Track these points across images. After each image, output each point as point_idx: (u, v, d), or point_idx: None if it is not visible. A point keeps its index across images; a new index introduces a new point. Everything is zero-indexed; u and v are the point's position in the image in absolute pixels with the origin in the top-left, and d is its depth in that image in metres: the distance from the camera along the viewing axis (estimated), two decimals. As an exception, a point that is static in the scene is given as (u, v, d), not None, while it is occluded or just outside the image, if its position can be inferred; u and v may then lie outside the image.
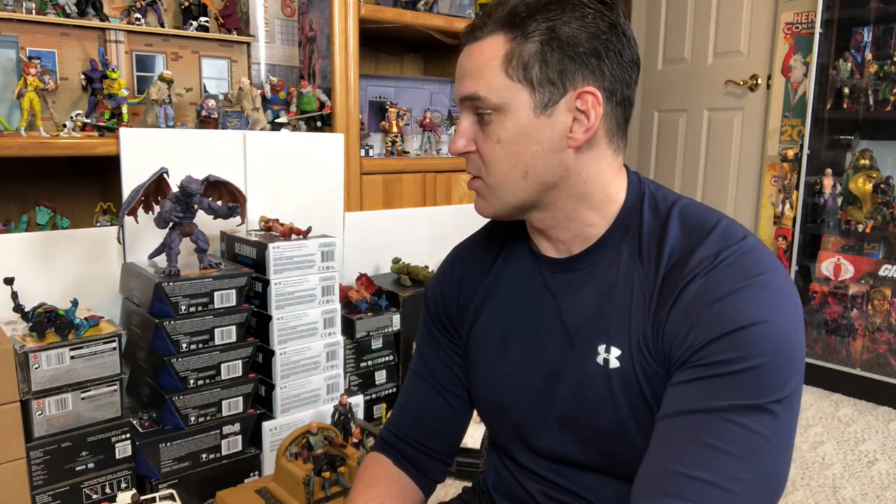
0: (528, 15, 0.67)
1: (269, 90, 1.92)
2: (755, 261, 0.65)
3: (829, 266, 2.33)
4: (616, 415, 0.69)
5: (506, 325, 0.79)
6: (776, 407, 0.60)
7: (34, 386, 1.27)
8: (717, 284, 0.63)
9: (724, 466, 0.58)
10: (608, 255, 0.72)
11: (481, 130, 0.71)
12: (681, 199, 0.74)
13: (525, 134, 0.69)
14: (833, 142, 2.43)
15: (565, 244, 0.75)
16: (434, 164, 2.29)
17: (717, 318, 0.61)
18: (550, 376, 0.75)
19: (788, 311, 0.63)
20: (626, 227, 0.72)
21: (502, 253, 0.83)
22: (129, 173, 1.58)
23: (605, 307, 0.71)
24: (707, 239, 0.67)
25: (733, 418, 0.59)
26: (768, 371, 0.60)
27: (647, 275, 0.69)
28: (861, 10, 2.32)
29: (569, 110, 0.68)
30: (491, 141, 0.70)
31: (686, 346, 0.63)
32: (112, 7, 1.80)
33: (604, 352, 0.70)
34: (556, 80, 0.67)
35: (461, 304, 0.84)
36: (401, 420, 0.89)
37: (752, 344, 0.60)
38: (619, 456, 0.71)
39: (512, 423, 0.80)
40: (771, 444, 0.60)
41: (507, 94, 0.68)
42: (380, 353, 1.87)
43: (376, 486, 0.84)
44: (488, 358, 0.80)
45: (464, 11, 2.30)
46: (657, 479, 0.60)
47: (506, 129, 0.69)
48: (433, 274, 2.01)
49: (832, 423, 2.11)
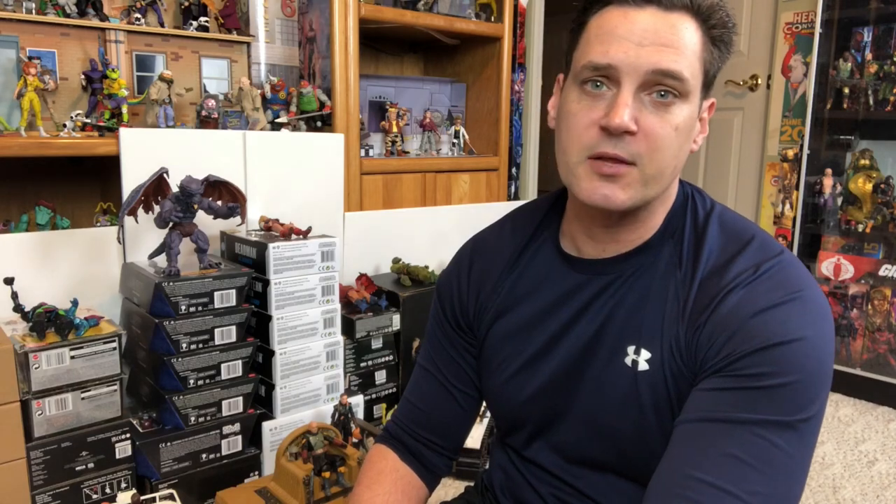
0: (710, 10, 0.66)
1: (269, 90, 1.92)
2: (795, 276, 0.65)
3: (829, 266, 2.33)
4: (639, 416, 0.69)
5: (528, 325, 0.78)
6: (802, 425, 0.60)
7: (34, 386, 1.27)
8: (758, 297, 0.63)
9: (744, 478, 0.58)
10: (648, 258, 0.72)
11: (656, 112, 0.64)
12: (717, 205, 0.74)
13: (691, 128, 0.68)
14: (833, 142, 2.43)
15: (617, 244, 0.73)
16: (434, 164, 2.28)
17: (757, 332, 0.61)
18: (574, 375, 0.74)
19: (826, 329, 0.63)
20: (671, 231, 0.72)
21: (528, 249, 0.81)
22: (129, 173, 1.58)
23: (638, 309, 0.70)
24: (745, 249, 0.67)
25: (760, 432, 0.59)
26: (801, 389, 0.60)
27: (684, 280, 0.68)
28: (861, 10, 2.32)
29: (699, 116, 0.69)
30: (668, 126, 0.65)
31: (722, 355, 0.62)
32: (112, 7, 1.80)
33: (633, 353, 0.70)
34: (711, 84, 0.69)
35: (480, 301, 0.82)
36: (407, 414, 0.88)
37: (789, 360, 0.60)
38: (635, 457, 0.71)
39: (531, 421, 0.79)
40: (793, 462, 0.60)
41: (696, 83, 0.66)
42: (380, 353, 1.87)
43: (381, 481, 0.83)
44: (508, 359, 0.79)
45: (464, 11, 2.30)
46: (675, 483, 0.60)
47: (685, 118, 0.66)
48: (433, 274, 2.02)
49: (832, 423, 2.11)
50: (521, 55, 2.76)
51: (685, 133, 0.66)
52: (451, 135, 2.42)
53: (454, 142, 2.42)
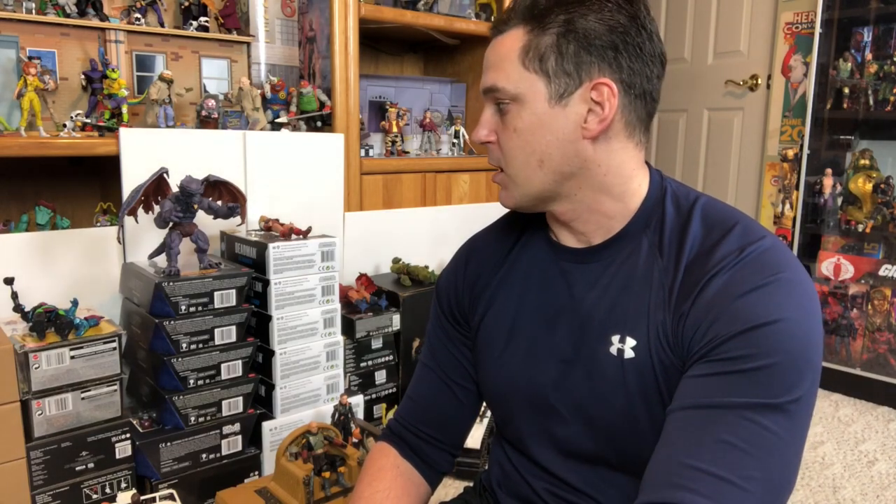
0: (547, 8, 0.69)
1: (269, 90, 1.92)
2: (778, 258, 0.66)
3: (829, 266, 2.33)
4: (627, 405, 0.70)
5: (517, 314, 0.80)
6: (792, 406, 0.60)
7: (34, 386, 1.27)
8: (741, 280, 0.64)
9: (738, 463, 0.58)
10: (628, 246, 0.73)
11: (501, 121, 0.73)
12: (702, 196, 0.75)
13: (540, 123, 0.70)
14: (833, 142, 2.43)
15: (586, 235, 0.76)
16: (434, 164, 2.28)
17: (739, 314, 0.62)
18: (563, 365, 0.75)
19: (810, 309, 0.63)
20: (647, 220, 0.73)
21: (519, 243, 0.84)
22: (129, 173, 1.58)
23: (622, 298, 0.72)
24: (729, 235, 0.68)
25: (750, 416, 0.59)
26: (785, 370, 0.60)
27: (668, 267, 0.69)
28: (861, 10, 2.32)
29: (584, 101, 0.69)
30: (508, 131, 0.72)
31: (706, 340, 0.63)
32: (112, 7, 1.80)
33: (618, 342, 0.70)
34: (571, 72, 0.69)
35: (474, 294, 0.85)
36: (408, 411, 0.89)
37: (770, 342, 0.60)
38: (628, 449, 0.71)
39: (522, 414, 0.80)
40: (784, 444, 0.60)
41: (523, 85, 0.70)
42: (380, 353, 1.87)
43: (382, 477, 0.84)
44: (498, 347, 0.81)
45: (464, 11, 2.30)
46: (669, 472, 0.60)
47: (522, 118, 0.71)
48: (433, 274, 2.02)
49: (832, 423, 2.11)
50: (521, 55, 2.76)
51: (531, 130, 0.71)
52: (451, 135, 2.42)
53: (454, 142, 2.42)
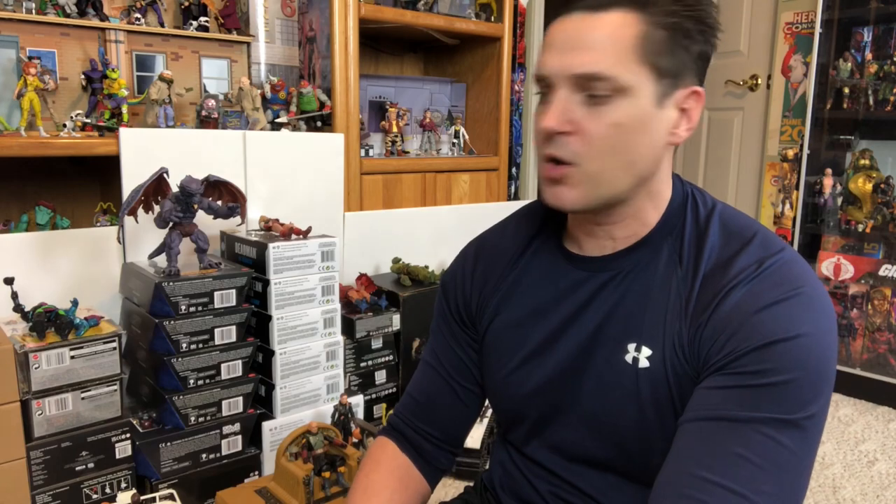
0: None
1: (269, 90, 1.92)
2: (797, 272, 0.65)
3: (829, 266, 2.33)
4: (639, 414, 0.69)
5: (529, 320, 0.78)
6: (807, 422, 0.60)
7: (34, 386, 1.27)
8: (760, 293, 0.63)
9: (750, 477, 0.58)
10: (648, 254, 0.72)
11: (590, 111, 0.65)
12: (718, 202, 0.74)
13: (642, 123, 0.66)
14: (833, 142, 2.43)
15: (614, 241, 0.73)
16: (434, 164, 2.28)
17: (758, 328, 0.61)
18: (574, 371, 0.74)
19: (828, 326, 0.63)
20: (670, 228, 0.72)
21: (531, 247, 0.81)
22: (129, 173, 1.58)
23: (639, 306, 0.70)
24: (748, 246, 0.67)
25: (765, 430, 0.59)
26: (803, 386, 0.60)
27: (686, 277, 0.68)
28: (861, 10, 2.32)
29: (677, 106, 0.68)
30: (603, 124, 0.65)
31: (724, 352, 0.63)
32: (112, 7, 1.80)
33: (633, 350, 0.70)
34: (676, 74, 0.66)
35: (483, 297, 0.83)
36: (408, 407, 0.89)
37: (790, 357, 0.60)
38: (636, 456, 0.71)
39: (529, 419, 0.79)
40: (797, 459, 0.60)
41: (635, 78, 0.64)
42: (380, 353, 1.87)
43: (379, 469, 0.84)
44: (507, 353, 0.80)
45: (464, 11, 2.30)
46: (682, 483, 0.60)
47: (626, 114, 0.65)
48: (433, 274, 2.02)
49: (832, 423, 2.11)
50: (521, 55, 2.77)
51: (632, 129, 0.66)
52: (451, 135, 2.42)
53: (454, 142, 2.42)
